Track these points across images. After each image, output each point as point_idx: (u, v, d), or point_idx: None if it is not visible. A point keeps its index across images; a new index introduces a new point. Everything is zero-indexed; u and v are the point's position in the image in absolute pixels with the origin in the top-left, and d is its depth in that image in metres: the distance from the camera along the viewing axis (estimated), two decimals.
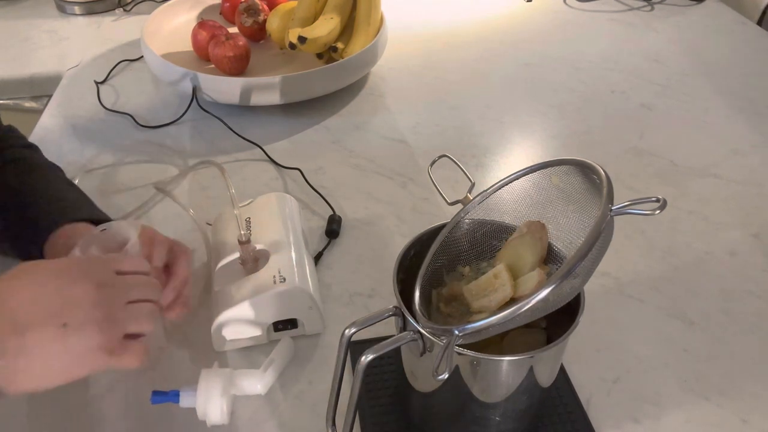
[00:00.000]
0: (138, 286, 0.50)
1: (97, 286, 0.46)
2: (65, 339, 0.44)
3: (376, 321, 0.51)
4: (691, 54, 1.24)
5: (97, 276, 0.47)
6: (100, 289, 0.47)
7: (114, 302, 0.47)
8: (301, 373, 0.65)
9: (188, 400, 0.59)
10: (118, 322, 0.47)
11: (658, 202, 0.44)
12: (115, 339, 0.47)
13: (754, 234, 0.83)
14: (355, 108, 1.07)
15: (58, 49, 1.24)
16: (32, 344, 0.44)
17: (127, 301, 0.48)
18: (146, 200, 0.86)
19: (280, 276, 0.64)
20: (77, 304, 0.45)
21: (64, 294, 0.45)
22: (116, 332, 0.47)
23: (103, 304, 0.46)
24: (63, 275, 0.47)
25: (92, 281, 0.47)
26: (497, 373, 0.50)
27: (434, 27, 1.33)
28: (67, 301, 0.45)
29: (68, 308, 0.45)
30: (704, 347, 0.69)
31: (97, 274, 0.48)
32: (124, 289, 0.49)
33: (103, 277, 0.48)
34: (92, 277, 0.47)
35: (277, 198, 0.75)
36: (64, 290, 0.45)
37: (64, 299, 0.45)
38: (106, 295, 0.47)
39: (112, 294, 0.47)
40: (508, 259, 0.52)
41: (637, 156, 0.97)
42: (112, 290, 0.47)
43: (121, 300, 0.48)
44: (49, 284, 0.46)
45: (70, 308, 0.45)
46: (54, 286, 0.46)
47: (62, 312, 0.45)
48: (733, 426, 0.61)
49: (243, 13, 1.13)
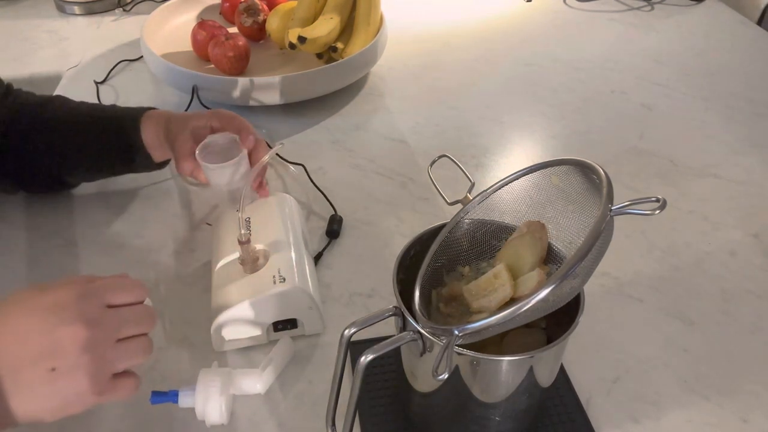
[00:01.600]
0: (129, 322, 0.49)
1: (86, 325, 0.45)
2: (54, 383, 0.44)
3: (376, 321, 0.51)
4: (691, 54, 1.24)
5: (87, 314, 0.46)
6: (89, 328, 0.45)
7: (103, 343, 0.46)
8: (301, 373, 0.65)
9: (187, 400, 0.59)
10: (107, 363, 0.47)
11: (658, 202, 0.43)
12: (104, 381, 0.46)
13: (754, 234, 0.83)
14: (355, 108, 1.07)
15: (58, 49, 1.24)
16: (22, 385, 0.44)
17: (118, 339, 0.48)
18: (147, 200, 0.86)
19: (279, 276, 0.64)
20: (65, 349, 0.45)
21: (53, 336, 0.45)
22: (105, 374, 0.46)
23: (91, 347, 0.45)
24: (52, 314, 0.45)
25: (82, 320, 0.45)
26: (497, 373, 0.50)
27: (434, 27, 1.33)
28: (55, 344, 0.44)
29: (57, 352, 0.44)
30: (704, 347, 0.69)
31: (88, 311, 0.46)
32: (115, 326, 0.48)
33: (93, 314, 0.46)
34: (82, 315, 0.46)
35: (277, 198, 0.75)
36: (53, 332, 0.45)
37: (53, 342, 0.44)
38: (96, 335, 0.46)
39: (102, 334, 0.46)
40: (508, 259, 0.52)
41: (637, 156, 0.97)
42: (101, 329, 0.46)
43: (111, 338, 0.47)
44: (38, 324, 0.45)
45: (59, 353, 0.44)
46: (43, 327, 0.45)
47: (51, 355, 0.44)
48: (733, 426, 0.61)
49: (243, 13, 1.13)
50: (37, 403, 0.45)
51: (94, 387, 0.46)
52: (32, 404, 0.45)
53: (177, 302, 0.72)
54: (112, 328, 0.47)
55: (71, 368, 0.45)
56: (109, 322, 0.47)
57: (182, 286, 0.74)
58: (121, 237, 0.81)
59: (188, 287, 0.74)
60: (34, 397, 0.44)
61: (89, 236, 0.81)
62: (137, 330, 0.49)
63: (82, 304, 0.46)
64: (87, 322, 0.46)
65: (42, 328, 0.45)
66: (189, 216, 0.84)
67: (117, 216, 0.83)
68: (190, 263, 0.77)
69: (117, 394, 0.48)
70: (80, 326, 0.45)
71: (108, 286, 0.49)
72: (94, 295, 0.47)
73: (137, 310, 0.50)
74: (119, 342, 0.48)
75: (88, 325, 0.45)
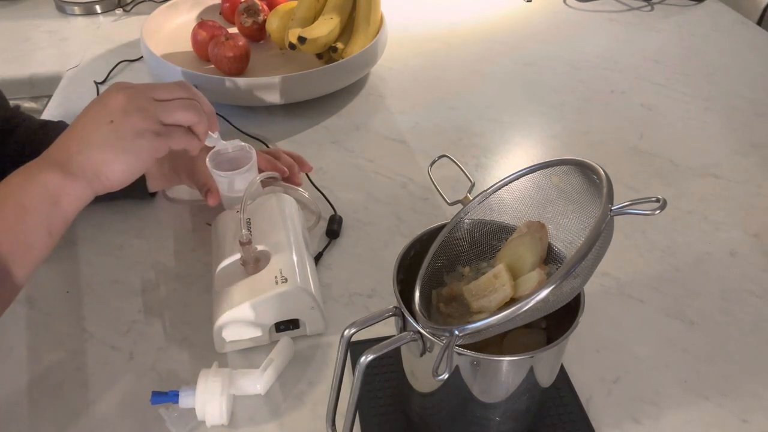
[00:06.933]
0: (169, 108, 0.59)
1: (127, 92, 0.58)
2: (117, 129, 0.57)
3: (376, 321, 0.51)
4: (691, 54, 1.24)
5: (129, 88, 0.59)
6: (130, 91, 0.59)
7: (144, 99, 0.58)
8: (301, 373, 0.65)
9: (187, 401, 0.59)
10: (151, 111, 0.58)
11: (658, 202, 0.43)
12: (155, 124, 0.58)
13: (754, 234, 0.83)
14: (355, 108, 1.07)
15: (58, 49, 1.24)
16: (96, 144, 0.57)
17: (159, 120, 0.59)
18: (147, 200, 0.86)
19: (281, 276, 0.64)
20: (116, 106, 0.57)
21: (104, 104, 0.58)
22: (153, 118, 0.58)
23: (135, 99, 0.58)
24: (101, 99, 0.59)
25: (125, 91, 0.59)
26: (497, 373, 0.50)
27: (434, 27, 1.33)
28: (107, 108, 0.58)
29: (110, 111, 0.57)
30: (704, 347, 0.69)
31: (137, 101, 0.58)
32: (156, 108, 0.59)
33: (140, 102, 0.58)
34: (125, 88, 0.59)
35: (277, 199, 0.75)
36: (104, 102, 0.58)
37: (104, 107, 0.58)
38: (136, 94, 0.59)
39: (142, 95, 0.59)
40: (508, 259, 0.52)
41: (637, 156, 0.97)
42: (140, 92, 0.59)
43: (150, 97, 0.59)
44: (94, 107, 0.59)
45: (111, 110, 0.57)
46: (97, 107, 0.59)
47: (107, 114, 0.57)
48: (733, 426, 0.61)
49: (243, 14, 1.13)
50: (114, 151, 0.57)
51: (148, 126, 0.57)
52: (112, 154, 0.57)
53: (177, 302, 0.72)
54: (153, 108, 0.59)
55: (124, 114, 0.57)
56: (152, 106, 0.59)
57: (182, 286, 0.74)
58: (121, 237, 0.81)
59: (188, 287, 0.74)
60: (109, 148, 0.56)
61: (89, 236, 0.81)
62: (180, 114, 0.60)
63: (136, 98, 0.59)
64: (127, 90, 0.59)
65: (96, 107, 0.58)
66: (189, 216, 0.84)
67: (117, 216, 0.83)
68: (190, 263, 0.77)
69: (174, 138, 0.59)
70: (123, 92, 0.58)
71: (154, 86, 0.61)
72: (144, 93, 0.59)
73: (180, 101, 0.61)
74: (158, 101, 0.59)
75: (129, 91, 0.59)
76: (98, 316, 0.71)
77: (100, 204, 0.84)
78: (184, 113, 0.60)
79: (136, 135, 0.57)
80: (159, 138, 0.58)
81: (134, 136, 0.57)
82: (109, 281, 0.75)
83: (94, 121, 0.58)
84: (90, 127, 0.57)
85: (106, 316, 0.71)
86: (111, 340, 0.68)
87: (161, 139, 0.58)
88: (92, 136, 0.57)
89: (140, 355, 0.67)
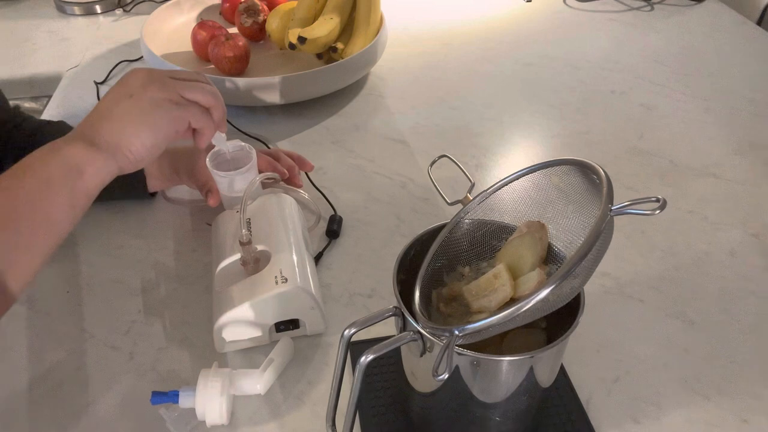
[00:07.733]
0: (189, 85, 0.61)
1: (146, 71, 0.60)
2: (137, 101, 0.58)
3: (376, 321, 0.51)
4: (691, 54, 1.24)
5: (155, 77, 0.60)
6: (149, 71, 0.60)
7: (162, 76, 0.60)
8: (301, 373, 0.65)
9: (187, 401, 0.59)
10: (170, 85, 0.60)
11: (658, 202, 0.43)
12: (174, 95, 0.59)
13: (754, 234, 0.83)
14: (355, 108, 1.07)
15: (58, 49, 1.24)
16: (117, 116, 0.57)
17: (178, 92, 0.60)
18: (147, 200, 0.86)
19: (281, 276, 0.64)
20: (135, 82, 0.59)
21: (124, 82, 0.60)
22: (172, 89, 0.59)
23: (153, 78, 0.60)
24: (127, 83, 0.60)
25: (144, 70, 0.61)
26: (497, 373, 0.50)
27: (434, 27, 1.33)
28: (127, 85, 0.59)
29: (129, 87, 0.59)
30: (704, 347, 0.69)
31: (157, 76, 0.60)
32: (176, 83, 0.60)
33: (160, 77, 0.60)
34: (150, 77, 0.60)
35: (277, 199, 0.75)
36: (124, 82, 0.60)
37: (124, 85, 0.59)
38: (154, 72, 0.60)
39: (159, 73, 0.60)
40: (508, 259, 0.52)
41: (637, 156, 0.97)
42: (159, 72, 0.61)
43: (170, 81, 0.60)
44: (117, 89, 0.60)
45: (131, 86, 0.59)
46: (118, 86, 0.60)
47: (126, 90, 0.59)
48: (733, 426, 0.61)
49: (243, 14, 1.13)
50: (137, 121, 0.57)
51: (167, 96, 0.59)
52: (134, 124, 0.57)
53: (177, 302, 0.72)
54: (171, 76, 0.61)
55: (143, 88, 0.58)
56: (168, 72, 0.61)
57: (182, 286, 0.74)
58: (121, 237, 0.81)
59: (188, 287, 0.74)
60: (131, 119, 0.57)
61: (89, 236, 0.81)
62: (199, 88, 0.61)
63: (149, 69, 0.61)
64: (148, 69, 0.61)
65: (117, 87, 0.60)
66: (189, 216, 0.84)
67: (117, 216, 0.83)
68: (190, 263, 0.77)
69: (192, 111, 0.60)
70: (144, 70, 0.60)
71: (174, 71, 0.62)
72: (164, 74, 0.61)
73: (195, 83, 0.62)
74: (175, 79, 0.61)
75: (149, 70, 0.60)
76: (98, 316, 0.71)
77: (100, 204, 0.85)
78: (203, 93, 0.61)
79: (154, 105, 0.58)
80: (178, 108, 0.59)
81: (153, 106, 0.58)
82: (109, 281, 0.75)
83: (114, 98, 0.59)
84: (111, 103, 0.59)
85: (106, 316, 0.71)
86: (111, 340, 0.68)
87: (180, 110, 0.59)
88: (113, 111, 0.58)
89: (140, 355, 0.67)
